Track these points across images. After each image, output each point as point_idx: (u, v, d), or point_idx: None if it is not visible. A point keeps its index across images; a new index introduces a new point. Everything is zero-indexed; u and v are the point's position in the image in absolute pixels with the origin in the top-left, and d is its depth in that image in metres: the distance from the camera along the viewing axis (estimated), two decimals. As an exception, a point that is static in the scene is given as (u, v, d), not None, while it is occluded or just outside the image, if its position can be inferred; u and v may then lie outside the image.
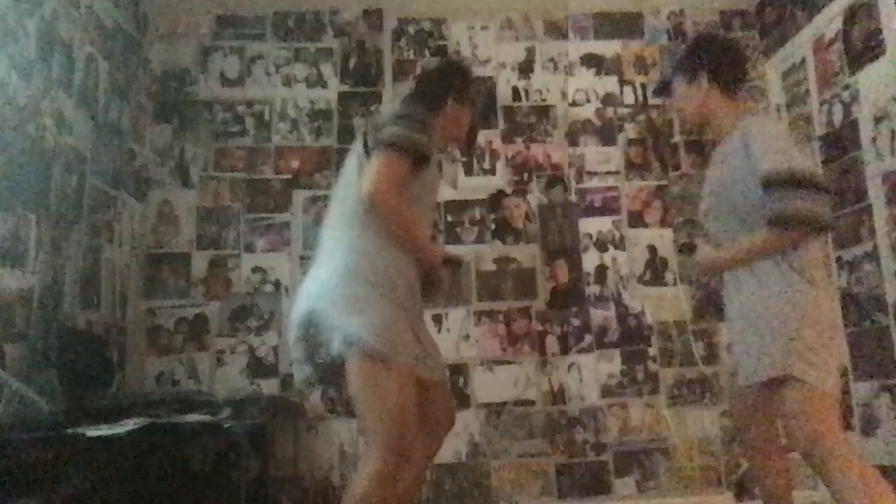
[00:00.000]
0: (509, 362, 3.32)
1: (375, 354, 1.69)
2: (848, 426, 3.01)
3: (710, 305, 3.38)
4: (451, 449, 3.19)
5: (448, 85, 2.10)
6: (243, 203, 3.41)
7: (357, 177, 1.85)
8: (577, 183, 3.54)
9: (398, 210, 1.80)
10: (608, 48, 3.72)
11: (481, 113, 2.97)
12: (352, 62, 3.62)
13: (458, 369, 3.27)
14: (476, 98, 2.20)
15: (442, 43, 3.67)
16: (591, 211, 3.51)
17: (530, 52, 3.69)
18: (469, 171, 3.52)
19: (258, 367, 3.23)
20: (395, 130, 1.83)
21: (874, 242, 2.82)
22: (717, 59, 2.08)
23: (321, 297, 1.79)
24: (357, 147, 1.93)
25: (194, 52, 3.56)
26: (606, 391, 3.31)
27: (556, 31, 3.74)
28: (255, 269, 3.34)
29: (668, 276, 3.45)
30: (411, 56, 3.65)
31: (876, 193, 2.82)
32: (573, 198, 3.53)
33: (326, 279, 1.81)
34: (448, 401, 2.03)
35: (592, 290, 3.43)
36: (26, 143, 2.33)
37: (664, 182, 3.56)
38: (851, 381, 2.99)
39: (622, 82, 3.68)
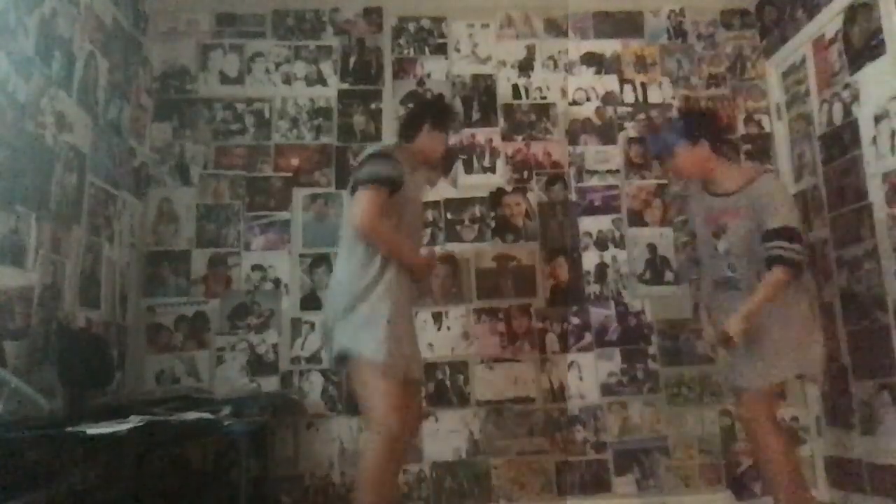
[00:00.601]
0: (509, 360, 3.32)
1: (376, 364, 2.18)
2: (848, 425, 3.02)
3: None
4: (451, 447, 3.20)
5: (424, 112, 2.52)
6: (243, 201, 3.41)
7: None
8: (577, 181, 3.54)
9: (383, 234, 2.23)
10: (608, 47, 3.72)
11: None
12: (352, 60, 3.62)
13: (458, 367, 3.28)
14: (453, 127, 2.66)
15: (442, 41, 3.66)
16: (591, 209, 3.51)
17: (530, 50, 3.69)
18: (469, 169, 3.52)
19: (258, 365, 3.24)
20: (367, 169, 2.25)
21: (874, 241, 2.83)
22: (710, 126, 2.68)
23: (341, 309, 2.26)
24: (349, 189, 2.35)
25: (194, 50, 3.55)
26: (606, 389, 3.31)
27: (557, 29, 3.73)
28: (255, 267, 3.34)
29: (669, 275, 3.46)
30: (411, 54, 3.64)
31: (876, 192, 2.82)
32: (573, 196, 3.53)
33: (349, 298, 2.24)
34: (420, 398, 2.56)
35: (592, 288, 3.43)
36: (26, 142, 2.32)
37: (664, 181, 3.56)
38: (851, 380, 2.99)
39: (622, 81, 3.68)
